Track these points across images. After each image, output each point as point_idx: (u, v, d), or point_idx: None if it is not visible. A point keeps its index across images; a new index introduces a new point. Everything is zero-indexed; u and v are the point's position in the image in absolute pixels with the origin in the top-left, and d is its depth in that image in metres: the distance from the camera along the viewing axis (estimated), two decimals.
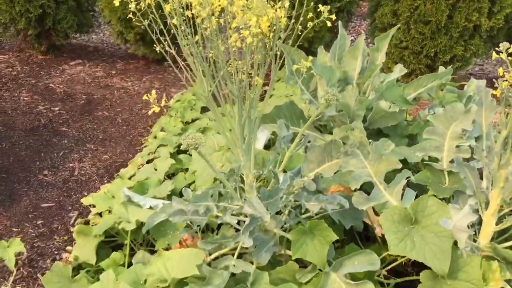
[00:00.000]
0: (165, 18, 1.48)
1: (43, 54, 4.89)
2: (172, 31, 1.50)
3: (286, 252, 1.91)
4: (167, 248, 2.00)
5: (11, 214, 2.56)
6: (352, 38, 5.82)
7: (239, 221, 1.83)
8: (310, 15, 1.42)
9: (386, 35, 2.58)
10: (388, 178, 1.85)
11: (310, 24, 1.40)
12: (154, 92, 1.40)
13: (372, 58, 2.60)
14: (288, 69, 2.48)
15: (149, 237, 2.19)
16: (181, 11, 1.47)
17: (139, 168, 2.74)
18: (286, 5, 1.43)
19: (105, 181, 2.89)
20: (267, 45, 1.49)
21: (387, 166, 1.83)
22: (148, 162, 2.85)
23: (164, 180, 2.49)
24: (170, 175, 2.70)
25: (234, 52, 1.48)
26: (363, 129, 1.86)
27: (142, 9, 1.44)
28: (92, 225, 2.23)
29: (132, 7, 1.42)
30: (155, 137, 3.17)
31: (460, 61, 4.20)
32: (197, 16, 1.43)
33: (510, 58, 1.42)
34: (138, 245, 2.18)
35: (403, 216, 1.65)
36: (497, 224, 1.66)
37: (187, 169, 2.65)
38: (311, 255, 1.71)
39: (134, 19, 1.41)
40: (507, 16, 4.15)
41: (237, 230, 1.89)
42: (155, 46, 1.52)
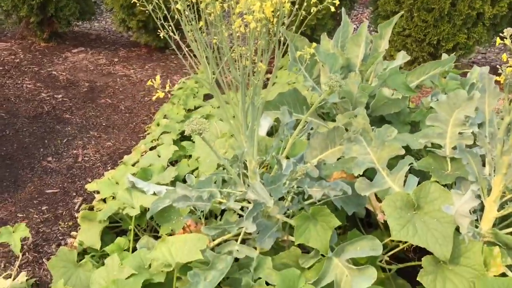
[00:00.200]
0: (169, 3, 1.48)
1: (46, 42, 4.89)
2: (176, 17, 1.50)
3: (289, 238, 1.92)
4: (171, 234, 2.02)
5: (16, 200, 2.58)
6: (355, 26, 5.79)
7: (243, 207, 1.84)
8: (314, 0, 1.42)
9: (389, 22, 2.57)
10: (391, 165, 1.86)
11: (314, 10, 1.40)
12: (159, 77, 1.40)
13: (375, 45, 2.59)
14: (291, 56, 2.48)
15: (153, 223, 2.21)
16: None
17: (143, 155, 2.76)
18: None
19: (109, 168, 2.91)
20: (271, 31, 1.50)
21: (390, 153, 1.84)
22: (151, 149, 2.86)
23: (168, 167, 2.50)
24: (174, 162, 2.71)
25: (238, 38, 1.48)
26: (366, 116, 1.86)
27: None
28: (97, 211, 2.24)
29: None
30: (158, 124, 3.18)
31: (463, 49, 4.18)
32: (201, 1, 1.43)
33: None
34: (142, 231, 2.20)
35: (406, 202, 1.66)
36: (499, 210, 1.67)
37: (190, 156, 2.67)
38: (314, 241, 1.72)
39: (138, 4, 1.41)
40: (511, 4, 4.13)
41: (240, 216, 1.90)
42: (159, 32, 1.52)
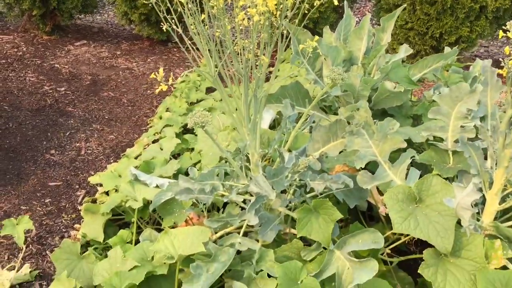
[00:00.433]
0: None
1: (48, 35, 4.89)
2: (179, 10, 1.51)
3: (291, 231, 1.93)
4: (173, 226, 2.03)
5: (19, 193, 2.59)
6: (357, 20, 5.78)
7: (245, 200, 1.85)
8: None
9: (392, 15, 2.57)
10: (393, 159, 1.87)
11: (317, 3, 1.40)
12: (162, 70, 1.41)
13: (378, 39, 2.59)
14: (294, 49, 2.48)
15: (156, 216, 2.22)
16: None
17: (145, 148, 2.76)
18: None
19: (112, 161, 2.92)
20: (274, 24, 1.50)
21: (392, 146, 1.84)
22: (154, 142, 2.87)
23: (170, 160, 2.51)
24: (176, 155, 2.72)
25: (241, 31, 1.49)
26: (368, 109, 1.87)
27: None
28: (99, 204, 2.26)
29: None
30: (161, 118, 3.19)
31: (466, 42, 4.17)
32: None
33: None
34: (145, 224, 2.21)
35: (407, 195, 1.66)
36: (501, 204, 1.68)
37: (193, 149, 2.67)
38: (316, 233, 1.73)
39: None
40: None
41: (243, 209, 1.91)
42: (162, 25, 1.52)
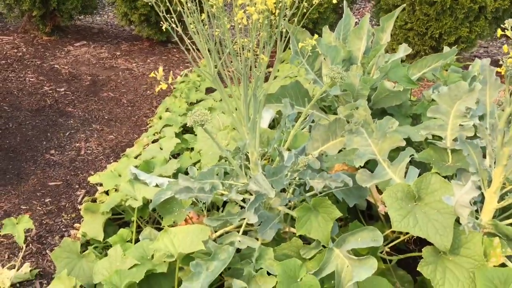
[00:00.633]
0: None
1: (48, 36, 4.90)
2: (178, 9, 1.51)
3: (291, 230, 1.94)
4: (173, 226, 2.03)
5: (19, 192, 2.60)
6: (357, 20, 5.79)
7: (244, 199, 1.86)
8: None
9: (392, 15, 2.58)
10: (391, 157, 1.87)
11: (316, 1, 1.41)
12: (161, 69, 1.41)
13: (377, 38, 2.60)
14: (293, 49, 2.49)
15: (155, 215, 2.22)
16: None
17: (145, 148, 2.77)
18: None
19: (111, 161, 2.92)
20: (273, 23, 1.50)
21: (391, 144, 1.85)
22: (154, 142, 2.87)
23: (170, 159, 2.51)
24: (176, 155, 2.72)
25: (240, 30, 1.49)
26: (367, 107, 1.87)
27: None
28: (99, 203, 2.26)
29: None
30: (160, 118, 3.19)
31: (465, 43, 4.18)
32: None
33: None
34: (145, 223, 2.22)
35: (406, 193, 1.67)
36: (499, 202, 1.68)
37: (193, 149, 2.68)
38: (315, 232, 1.73)
39: None
40: None
41: (242, 208, 1.92)
42: (162, 24, 1.53)
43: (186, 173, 1.96)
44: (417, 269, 1.58)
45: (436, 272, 1.57)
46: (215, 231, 1.95)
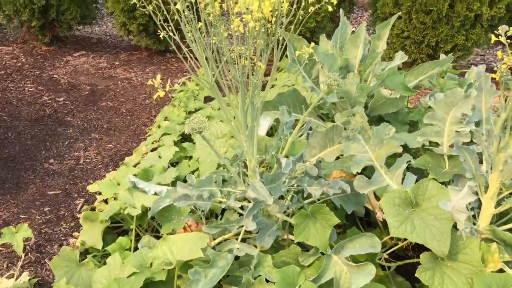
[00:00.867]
0: (169, 5, 1.51)
1: (47, 46, 4.92)
2: (176, 18, 1.53)
3: (289, 237, 1.94)
4: (172, 234, 2.03)
5: (19, 201, 2.60)
6: (354, 29, 5.82)
7: (243, 206, 1.86)
8: (312, 0, 1.44)
9: (387, 23, 2.60)
10: (389, 164, 1.88)
11: (312, 9, 1.42)
12: (159, 77, 1.42)
13: (373, 46, 2.62)
14: (290, 57, 2.50)
15: (154, 223, 2.23)
16: None
17: (144, 156, 2.78)
18: None
19: (110, 170, 2.93)
20: (269, 31, 1.52)
21: (388, 150, 1.86)
22: (153, 151, 2.88)
23: (168, 168, 2.52)
24: (174, 163, 2.73)
25: (237, 38, 1.51)
26: (364, 114, 1.88)
27: None
28: (98, 212, 2.26)
29: None
30: (159, 126, 3.21)
31: (462, 51, 4.21)
32: (200, 1, 1.45)
33: (509, 41, 1.45)
34: (143, 231, 2.22)
35: (404, 199, 1.67)
36: (496, 207, 1.69)
37: (191, 157, 2.69)
38: (313, 239, 1.74)
39: (138, 5, 1.43)
40: (508, 5, 4.16)
41: (241, 215, 1.92)
42: (159, 32, 1.55)
43: (185, 181, 1.96)
44: (415, 275, 1.59)
45: (434, 278, 1.57)
46: (214, 239, 1.96)
